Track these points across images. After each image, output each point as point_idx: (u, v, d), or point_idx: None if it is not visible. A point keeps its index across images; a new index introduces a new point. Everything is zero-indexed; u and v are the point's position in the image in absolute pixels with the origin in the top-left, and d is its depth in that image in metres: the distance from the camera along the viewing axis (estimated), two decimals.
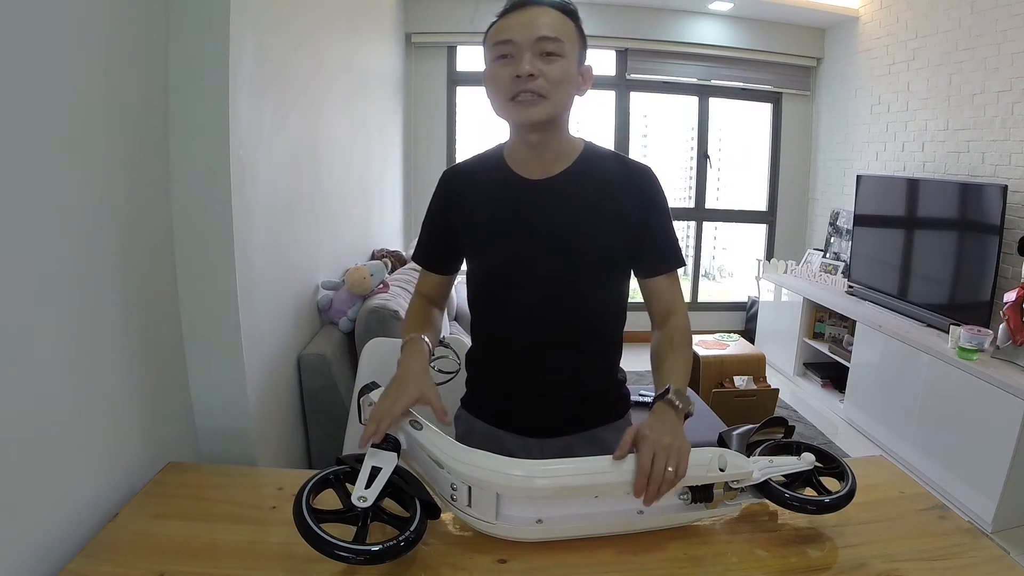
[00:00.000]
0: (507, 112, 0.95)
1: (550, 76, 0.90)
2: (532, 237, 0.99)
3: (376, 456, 0.81)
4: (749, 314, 4.48)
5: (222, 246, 1.20)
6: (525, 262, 0.99)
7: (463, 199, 1.05)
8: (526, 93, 0.90)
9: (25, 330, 0.79)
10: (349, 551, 0.71)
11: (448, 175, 1.09)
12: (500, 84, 0.92)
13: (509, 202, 1.01)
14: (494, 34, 0.94)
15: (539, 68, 0.90)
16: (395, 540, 0.73)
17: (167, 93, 1.13)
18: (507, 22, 0.92)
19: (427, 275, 1.15)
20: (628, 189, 1.00)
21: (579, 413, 1.06)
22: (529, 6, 0.92)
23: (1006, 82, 2.72)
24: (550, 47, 0.90)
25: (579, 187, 0.99)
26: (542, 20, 0.91)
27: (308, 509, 0.73)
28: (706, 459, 0.85)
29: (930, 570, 0.82)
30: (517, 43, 0.90)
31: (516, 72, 0.89)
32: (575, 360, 1.04)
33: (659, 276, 1.03)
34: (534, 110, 0.91)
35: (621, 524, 0.85)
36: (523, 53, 0.90)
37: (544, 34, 0.90)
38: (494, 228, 1.01)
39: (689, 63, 4.22)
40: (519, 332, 1.03)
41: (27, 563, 0.78)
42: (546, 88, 0.90)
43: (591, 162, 1.01)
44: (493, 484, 0.81)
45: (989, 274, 2.54)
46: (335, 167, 2.20)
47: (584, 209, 0.98)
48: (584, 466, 0.85)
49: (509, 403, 1.07)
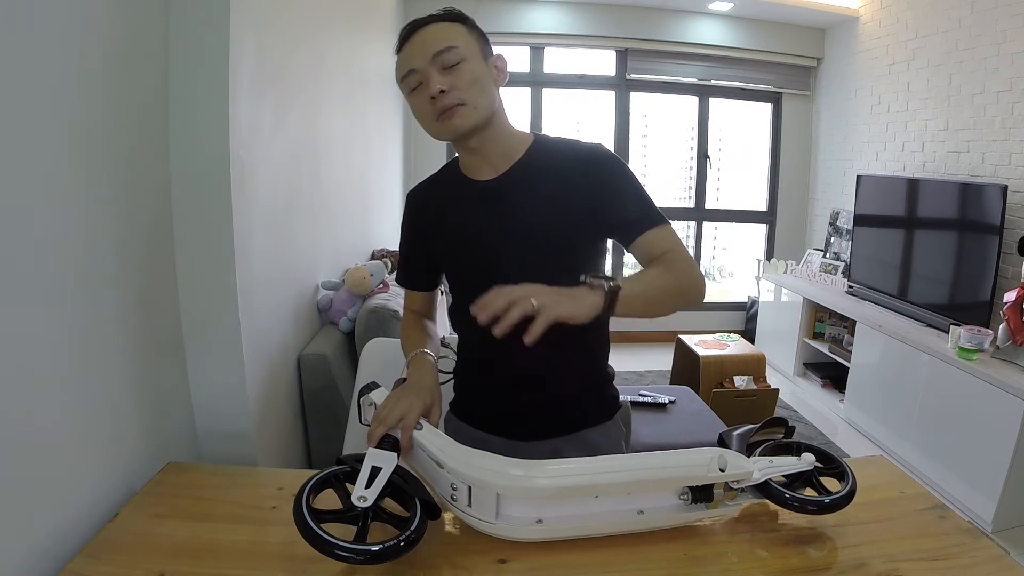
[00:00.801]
0: (438, 132, 0.97)
1: (459, 83, 0.92)
2: (495, 236, 0.99)
3: (376, 456, 0.81)
4: (749, 314, 4.48)
5: (222, 246, 1.20)
6: (493, 262, 0.99)
7: (428, 213, 1.08)
8: (446, 111, 0.92)
9: (25, 330, 0.79)
10: (349, 551, 0.71)
11: (412, 194, 1.13)
12: (422, 112, 0.96)
13: (468, 206, 1.03)
14: (398, 71, 0.97)
15: (446, 82, 0.92)
16: (395, 540, 0.73)
17: (167, 93, 1.13)
18: (403, 55, 0.95)
19: (413, 295, 1.18)
20: (580, 170, 0.99)
21: (566, 414, 1.06)
22: (415, 32, 0.94)
23: (1006, 82, 2.72)
24: (448, 58, 0.92)
25: (531, 179, 0.99)
26: (431, 38, 0.93)
27: (308, 509, 0.73)
28: (706, 459, 0.85)
29: (930, 570, 0.82)
30: (418, 69, 0.93)
31: (429, 94, 0.92)
32: (559, 358, 1.02)
33: (643, 234, 0.97)
34: (459, 119, 0.93)
35: (621, 524, 0.85)
36: (428, 75, 0.92)
37: (436, 49, 0.92)
38: (459, 234, 1.03)
39: (689, 63, 4.23)
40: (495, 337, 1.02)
41: (27, 563, 0.78)
42: (460, 95, 0.92)
43: (540, 153, 1.02)
44: (493, 484, 0.81)
45: (989, 274, 2.54)
46: (335, 167, 2.20)
47: (539, 200, 0.98)
48: (584, 466, 0.85)
49: (496, 406, 1.07)
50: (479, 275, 1.00)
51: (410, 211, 1.12)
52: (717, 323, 4.48)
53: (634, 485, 0.85)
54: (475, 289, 0.99)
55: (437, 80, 0.91)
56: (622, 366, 3.80)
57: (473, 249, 1.02)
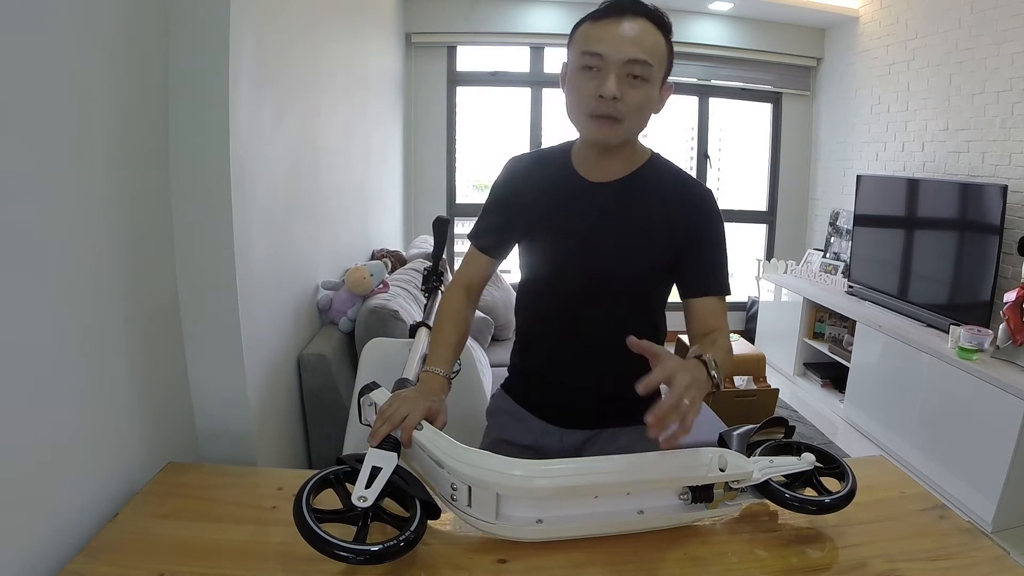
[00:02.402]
0: (582, 127, 0.95)
1: (632, 102, 0.90)
2: (583, 236, 1.00)
3: (376, 456, 0.81)
4: (749, 314, 4.48)
5: (222, 246, 1.20)
6: (574, 259, 1.01)
7: (524, 187, 1.06)
8: (604, 118, 0.90)
9: (25, 330, 0.79)
10: (349, 551, 0.71)
11: (514, 161, 1.11)
12: (581, 96, 0.91)
13: (566, 199, 1.02)
14: (583, 40, 0.91)
15: (623, 91, 0.88)
16: (395, 540, 0.73)
17: (167, 93, 1.13)
18: (600, 31, 0.89)
19: (476, 257, 1.14)
20: (682, 207, 1.00)
21: (610, 411, 1.08)
22: (624, 16, 0.89)
23: (1006, 82, 2.72)
24: (638, 71, 0.89)
25: (636, 195, 1.00)
26: (635, 37, 0.88)
27: (308, 509, 0.73)
28: (707, 459, 0.85)
29: (930, 570, 0.82)
30: (606, 59, 0.88)
31: (599, 92, 0.88)
32: (612, 361, 1.02)
33: (702, 297, 1.01)
34: (610, 133, 0.92)
35: (621, 524, 0.85)
36: (610, 71, 0.88)
37: (634, 56, 0.88)
38: (548, 223, 1.03)
39: (689, 63, 4.22)
40: (561, 327, 1.06)
41: (27, 563, 0.78)
42: (625, 112, 0.90)
43: (652, 173, 1.02)
44: (493, 484, 0.81)
45: (989, 274, 2.53)
46: (335, 167, 2.20)
47: (637, 216, 0.99)
48: (583, 466, 0.85)
49: (544, 394, 1.11)
50: (561, 265, 1.04)
51: (510, 179, 1.09)
52: None
53: (633, 485, 0.85)
54: (552, 277, 1.05)
55: (616, 85, 0.88)
56: None
57: (569, 241, 1.02)
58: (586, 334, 1.05)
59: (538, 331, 1.12)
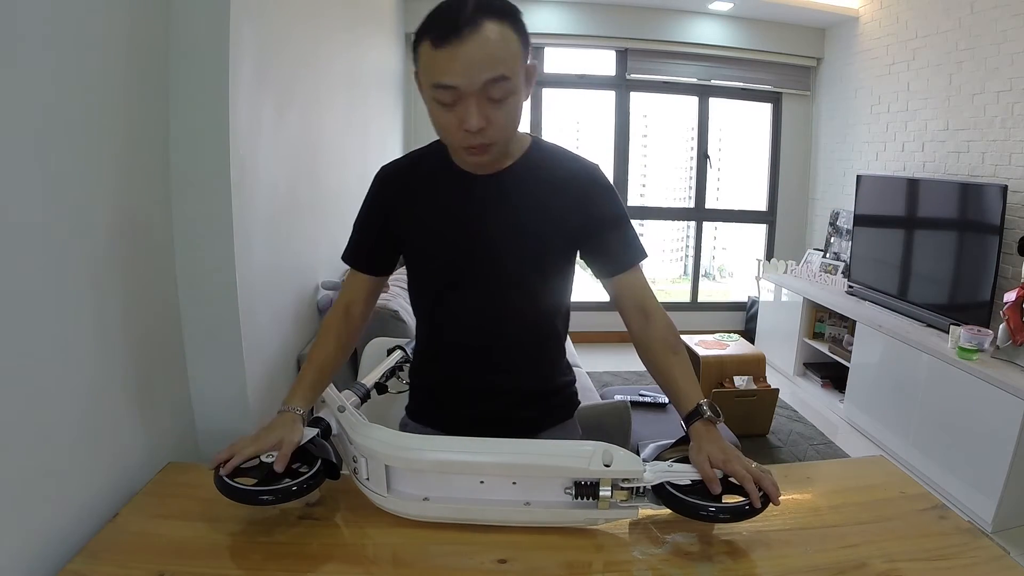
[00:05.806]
0: (454, 154, 0.94)
1: (499, 123, 0.83)
2: (474, 234, 0.96)
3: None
4: (749, 314, 4.48)
5: (222, 246, 1.20)
6: (467, 259, 0.97)
7: (400, 193, 1.00)
8: (474, 148, 0.85)
9: (25, 330, 0.79)
10: (244, 492, 0.82)
11: (384, 170, 1.04)
12: (446, 131, 0.85)
13: (451, 198, 0.97)
14: (430, 70, 0.81)
15: (488, 115, 0.81)
16: (289, 484, 0.83)
17: (167, 93, 1.13)
18: (445, 60, 0.78)
19: (355, 277, 1.06)
20: (577, 185, 0.97)
21: (529, 414, 1.04)
22: (465, 33, 0.77)
23: (1006, 82, 2.72)
24: (498, 92, 0.80)
25: (522, 184, 0.96)
26: (486, 56, 0.78)
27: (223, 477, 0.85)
28: (588, 452, 0.82)
29: (930, 570, 0.82)
30: (461, 90, 0.79)
31: (464, 127, 0.81)
32: (520, 359, 1.02)
33: (622, 273, 0.98)
34: (484, 159, 0.88)
35: (507, 513, 0.86)
36: (469, 101, 0.80)
37: (491, 76, 0.79)
38: (436, 225, 0.98)
39: (689, 63, 4.22)
40: (464, 332, 1.01)
41: (27, 563, 0.78)
42: (495, 136, 0.84)
43: (536, 159, 0.98)
44: (382, 456, 0.85)
45: (989, 274, 2.54)
46: (335, 166, 2.20)
47: (533, 203, 0.95)
48: (467, 445, 0.86)
49: (457, 407, 1.05)
50: (454, 266, 0.98)
51: (382, 189, 1.02)
52: (717, 323, 4.48)
53: (515, 469, 0.85)
54: (444, 277, 0.99)
55: (478, 114, 0.80)
56: (622, 367, 3.80)
57: (456, 239, 0.97)
58: (489, 330, 1.00)
59: (438, 338, 1.06)
